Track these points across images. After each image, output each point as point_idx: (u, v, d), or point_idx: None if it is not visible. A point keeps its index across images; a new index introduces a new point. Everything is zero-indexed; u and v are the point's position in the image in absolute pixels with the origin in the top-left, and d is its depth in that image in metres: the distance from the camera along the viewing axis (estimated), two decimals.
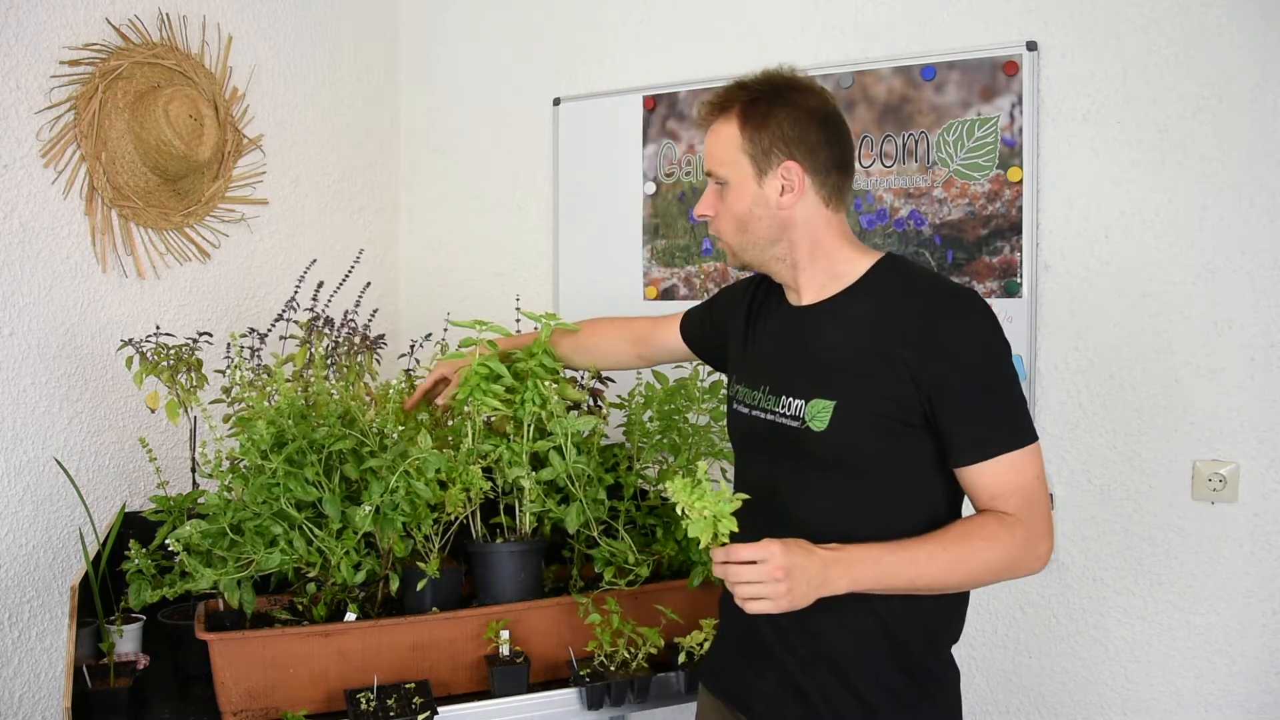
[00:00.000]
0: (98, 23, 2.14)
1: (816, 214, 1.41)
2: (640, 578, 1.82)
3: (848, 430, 1.34)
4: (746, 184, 1.41)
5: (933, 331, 1.31)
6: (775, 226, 1.42)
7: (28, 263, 2.03)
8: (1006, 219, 2.16)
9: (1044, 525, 1.31)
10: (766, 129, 1.39)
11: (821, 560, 1.27)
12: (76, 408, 2.10)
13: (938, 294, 1.35)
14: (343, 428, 1.68)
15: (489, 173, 2.86)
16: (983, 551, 1.29)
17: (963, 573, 1.30)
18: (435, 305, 2.88)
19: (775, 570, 1.23)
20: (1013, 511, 1.29)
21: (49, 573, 2.05)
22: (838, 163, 1.41)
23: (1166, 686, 2.06)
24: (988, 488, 1.31)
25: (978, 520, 1.31)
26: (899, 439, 1.33)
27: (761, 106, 1.39)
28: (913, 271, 1.41)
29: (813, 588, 1.26)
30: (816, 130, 1.39)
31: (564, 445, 1.78)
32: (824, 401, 1.36)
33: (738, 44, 2.48)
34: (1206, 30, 1.98)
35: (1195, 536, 2.03)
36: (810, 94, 1.42)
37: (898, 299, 1.36)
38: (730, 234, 1.46)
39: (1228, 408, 1.99)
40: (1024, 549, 1.30)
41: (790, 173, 1.39)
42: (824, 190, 1.41)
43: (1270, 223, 1.95)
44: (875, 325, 1.35)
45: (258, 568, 1.63)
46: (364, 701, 1.56)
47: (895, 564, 1.29)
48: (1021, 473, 1.30)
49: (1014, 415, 1.32)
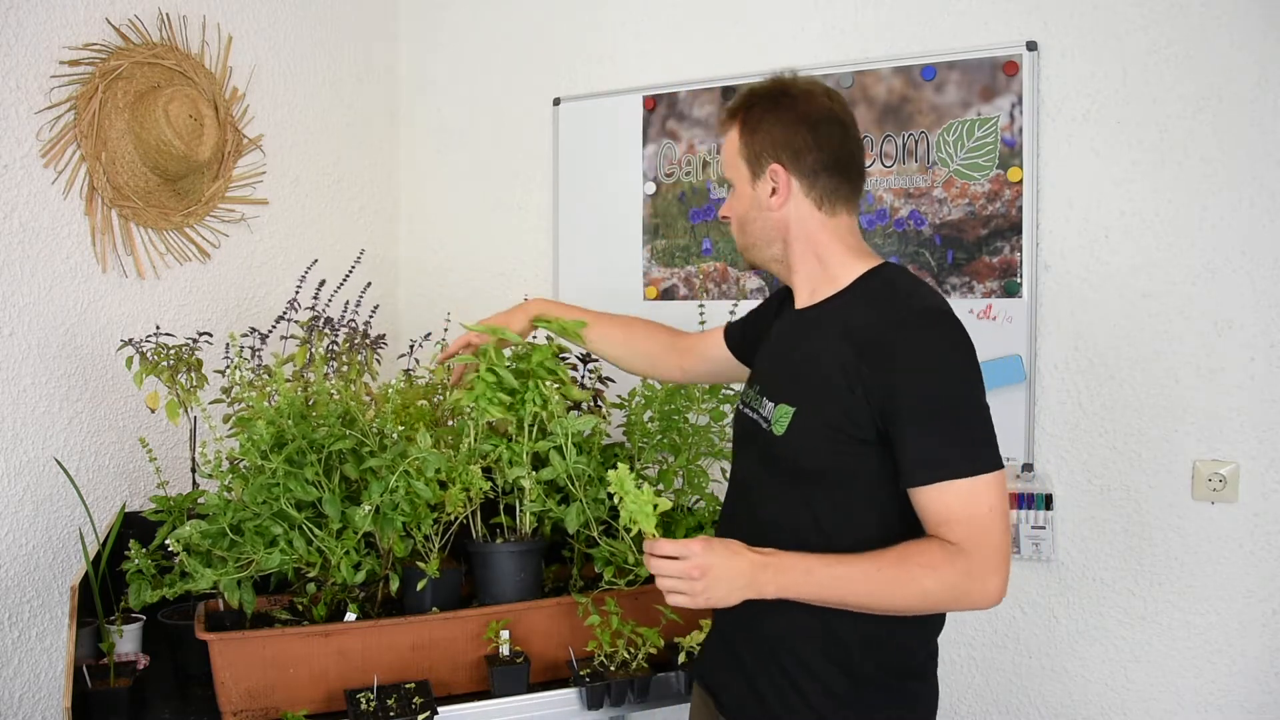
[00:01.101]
0: (98, 23, 2.14)
1: (809, 216, 1.43)
2: (640, 578, 1.82)
3: (801, 438, 1.36)
4: (744, 186, 1.47)
5: (890, 347, 1.29)
6: (770, 228, 1.45)
7: (28, 263, 2.03)
8: (1006, 219, 2.16)
9: (994, 559, 1.26)
10: (759, 133, 1.43)
11: (749, 563, 1.30)
12: (76, 408, 2.10)
13: (903, 309, 1.33)
14: (342, 428, 1.68)
15: (489, 173, 2.86)
16: (919, 578, 1.26)
17: (895, 596, 1.28)
18: (435, 305, 2.88)
19: (691, 569, 1.29)
20: (957, 541, 1.26)
21: (49, 573, 2.05)
22: (827, 165, 1.41)
23: (1166, 686, 2.06)
24: (935, 513, 1.27)
25: (920, 545, 1.28)
26: (850, 451, 1.32)
27: (757, 112, 1.44)
28: (893, 284, 1.39)
29: (735, 588, 1.30)
30: (805, 133, 1.41)
31: (564, 445, 1.78)
32: (787, 407, 1.38)
33: (738, 44, 2.48)
34: (1206, 30, 1.98)
35: (1195, 536, 2.03)
36: (805, 98, 1.43)
37: (867, 311, 1.35)
38: (735, 234, 1.52)
39: (1228, 408, 1.99)
40: (965, 581, 1.26)
41: (776, 175, 1.43)
42: (814, 193, 1.42)
43: (1270, 223, 1.95)
44: (845, 334, 1.35)
45: (258, 568, 1.63)
46: (364, 701, 1.56)
47: (827, 578, 1.29)
48: (972, 502, 1.25)
49: (969, 441, 1.28)
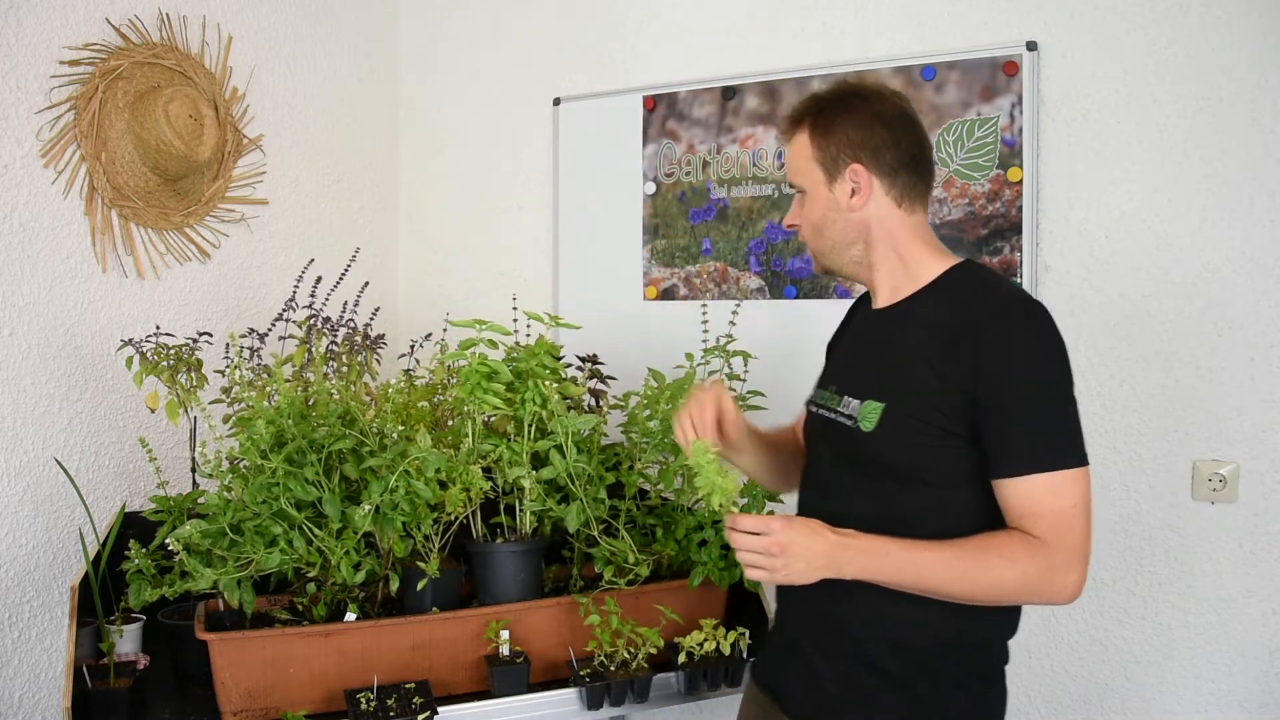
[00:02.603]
0: (98, 23, 2.14)
1: (889, 215, 1.43)
2: (640, 577, 1.82)
3: (892, 433, 1.35)
4: (819, 190, 1.45)
5: (982, 339, 1.30)
6: (849, 229, 1.44)
7: (28, 263, 2.03)
8: (1006, 219, 2.16)
9: (1074, 555, 1.27)
10: (834, 134, 1.43)
11: (829, 543, 1.31)
12: (76, 408, 2.10)
13: (994, 302, 1.34)
14: (342, 427, 1.68)
15: (489, 173, 2.86)
16: (997, 569, 1.28)
17: (972, 585, 1.29)
18: (435, 305, 2.88)
19: (771, 545, 1.29)
20: (1039, 535, 1.27)
21: (49, 573, 2.05)
22: (905, 162, 1.42)
23: (1166, 686, 2.06)
24: (1019, 505, 1.28)
25: (1002, 537, 1.29)
26: (942, 446, 1.32)
27: (828, 115, 1.44)
28: (981, 278, 1.41)
29: (814, 567, 1.30)
30: (881, 131, 1.41)
31: (564, 444, 1.78)
32: (875, 403, 1.37)
33: (738, 44, 2.48)
34: (1206, 30, 1.98)
35: (1195, 536, 2.03)
36: (876, 98, 1.44)
37: (957, 305, 1.36)
38: (810, 240, 1.50)
39: (1228, 408, 1.99)
40: (1044, 576, 1.27)
41: (857, 175, 1.42)
42: (894, 191, 1.43)
43: (1270, 223, 1.95)
44: (932, 330, 1.35)
45: (258, 568, 1.63)
46: (364, 701, 1.56)
47: (906, 561, 1.30)
48: (1057, 496, 1.27)
49: (1058, 435, 1.29)
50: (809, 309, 2.36)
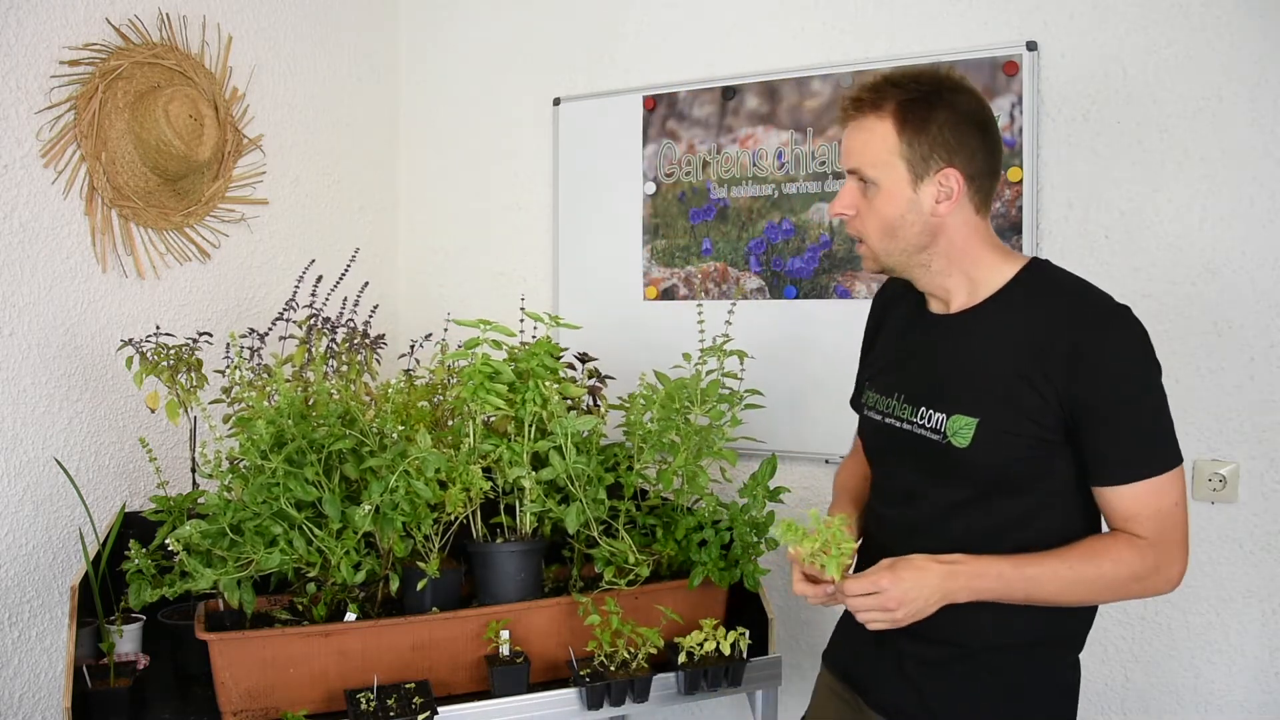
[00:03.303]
0: (98, 23, 2.14)
1: (967, 221, 1.38)
2: (640, 578, 1.82)
3: (991, 448, 1.33)
4: (900, 189, 1.35)
5: (1080, 349, 1.28)
6: (925, 233, 1.37)
7: (28, 263, 2.03)
8: (1006, 219, 2.16)
9: (1178, 550, 1.31)
10: (927, 133, 1.33)
11: (938, 575, 1.29)
12: (76, 408, 2.10)
13: (1088, 309, 1.32)
14: (342, 427, 1.68)
15: (489, 172, 2.86)
16: (1109, 573, 1.29)
17: (1084, 592, 1.31)
18: (435, 305, 2.88)
19: (888, 601, 1.28)
20: (1146, 535, 1.28)
21: (49, 573, 2.05)
22: (992, 169, 1.38)
23: (1166, 686, 2.06)
24: (1124, 509, 1.29)
25: (1108, 541, 1.30)
26: (1042, 457, 1.32)
27: (921, 109, 1.33)
28: (1060, 281, 1.38)
29: (931, 603, 1.30)
30: (977, 135, 1.35)
31: (564, 445, 1.78)
32: (966, 418, 1.34)
33: (738, 44, 2.48)
34: (1206, 30, 1.98)
35: (1195, 536, 2.02)
36: (969, 96, 1.37)
37: (1044, 312, 1.33)
38: (876, 238, 1.40)
39: (1228, 408, 1.99)
40: (1152, 573, 1.29)
41: (949, 179, 1.34)
42: (977, 196, 1.38)
43: (1270, 223, 1.95)
44: (1020, 339, 1.32)
45: (258, 568, 1.63)
46: (364, 701, 1.56)
47: (1018, 579, 1.30)
48: (1161, 497, 1.28)
49: (1159, 438, 1.30)
50: (809, 309, 2.36)
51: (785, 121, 2.40)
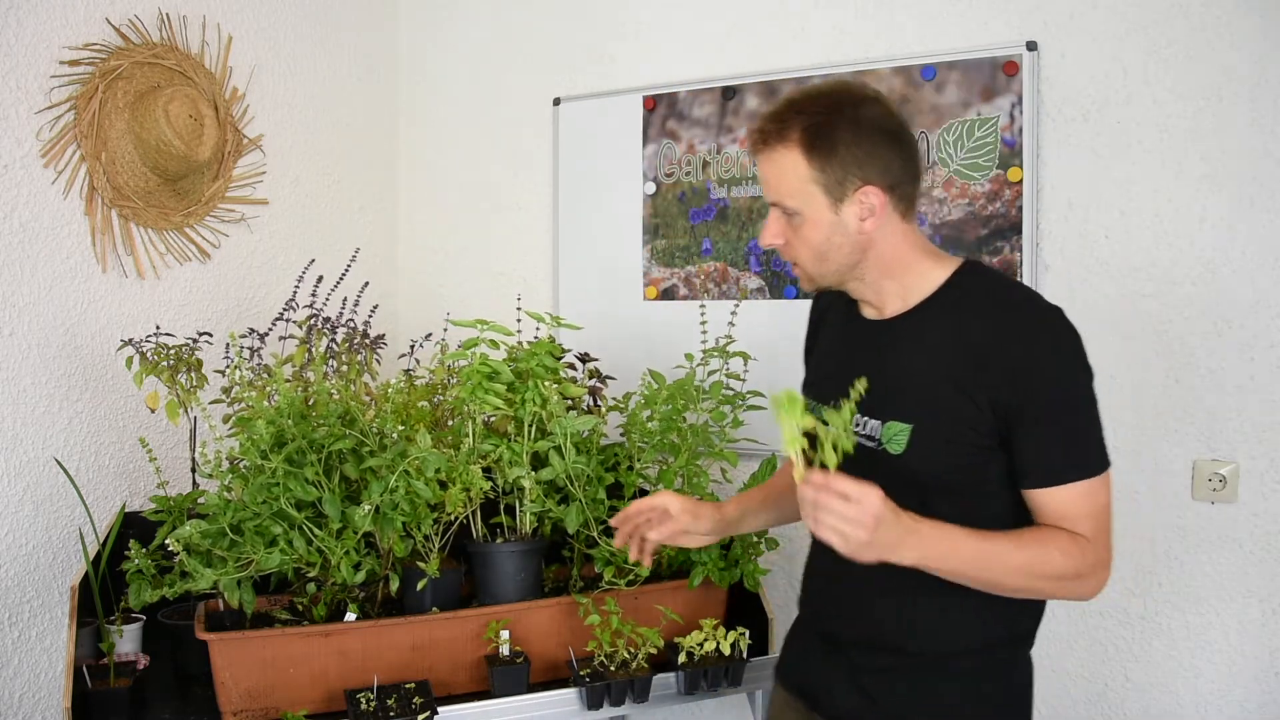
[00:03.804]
0: (98, 23, 2.14)
1: (895, 229, 1.36)
2: (640, 578, 1.82)
3: (926, 454, 1.32)
4: (822, 214, 1.33)
5: (1012, 352, 1.27)
6: (855, 251, 1.35)
7: (28, 263, 2.03)
8: (1006, 219, 2.16)
9: (1108, 553, 1.30)
10: (835, 155, 1.30)
11: (905, 527, 1.24)
12: (76, 408, 2.10)
13: (1019, 313, 1.31)
14: (342, 427, 1.68)
15: (489, 172, 2.86)
16: (1056, 561, 1.27)
17: (1029, 577, 1.28)
18: (435, 305, 2.88)
19: (866, 515, 1.18)
20: (1083, 533, 1.28)
21: (49, 573, 2.05)
22: (912, 174, 1.35)
23: (1166, 686, 2.06)
24: (1056, 510, 1.28)
25: (1053, 531, 1.28)
26: (978, 462, 1.31)
27: (825, 131, 1.30)
28: (995, 283, 1.37)
29: (885, 548, 1.23)
30: (887, 146, 1.32)
31: (564, 445, 1.78)
32: (901, 425, 1.33)
33: (738, 44, 2.48)
34: (1206, 30, 1.98)
35: (1195, 536, 2.03)
36: (870, 103, 1.34)
37: (977, 316, 1.32)
38: (809, 263, 1.38)
39: (1228, 408, 1.99)
40: (1090, 572, 1.28)
41: (869, 196, 1.32)
42: (901, 204, 1.36)
43: (1270, 223, 1.95)
44: (953, 344, 1.32)
45: (258, 568, 1.63)
46: (364, 701, 1.56)
47: (970, 553, 1.26)
48: (1093, 499, 1.28)
49: (1091, 441, 1.30)
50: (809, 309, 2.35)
51: None
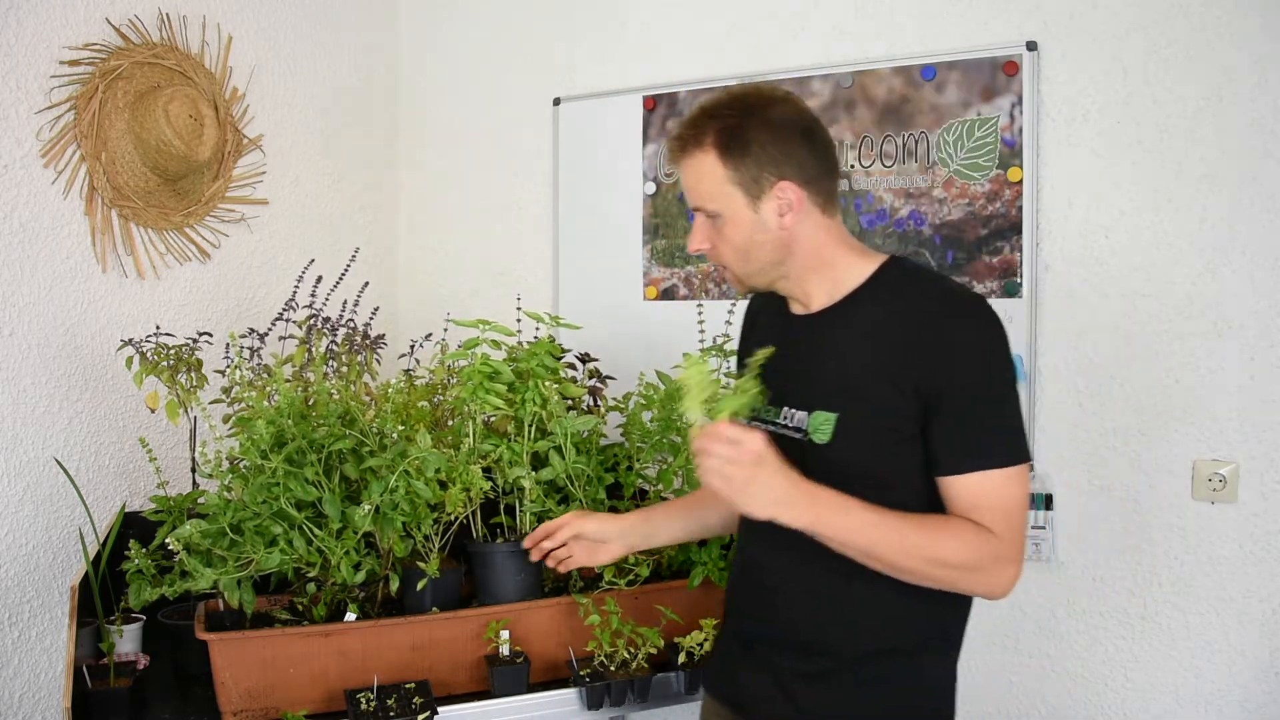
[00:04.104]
0: (98, 23, 2.14)
1: (817, 224, 1.38)
2: (640, 577, 1.82)
3: (851, 443, 1.33)
4: (742, 213, 1.37)
5: (934, 340, 1.29)
6: (779, 248, 1.38)
7: (28, 263, 2.03)
8: (1006, 219, 2.16)
9: (1017, 548, 1.28)
10: (749, 154, 1.34)
11: (795, 483, 1.27)
12: (76, 408, 2.10)
13: (942, 301, 1.33)
14: (342, 427, 1.68)
15: (489, 173, 2.86)
16: (950, 546, 1.27)
17: (922, 560, 1.28)
18: (435, 305, 2.88)
19: (745, 454, 1.23)
20: (989, 526, 1.27)
21: (49, 573, 2.05)
22: (827, 169, 1.38)
23: (1166, 686, 2.06)
24: (967, 499, 1.28)
25: (956, 519, 1.29)
26: (901, 448, 1.32)
27: (738, 133, 1.34)
28: (917, 276, 1.39)
29: (772, 499, 1.26)
30: (800, 142, 1.35)
31: (564, 445, 1.78)
32: (826, 414, 1.34)
33: (738, 44, 2.48)
34: (1206, 30, 1.98)
35: (1195, 536, 2.03)
36: (780, 103, 1.37)
37: (901, 306, 1.34)
38: (735, 264, 1.42)
39: (1228, 408, 1.99)
40: (991, 563, 1.27)
41: (785, 192, 1.35)
42: (819, 199, 1.38)
43: (1270, 223, 1.95)
44: (878, 334, 1.33)
45: (258, 568, 1.62)
46: (364, 701, 1.56)
47: (862, 522, 1.27)
48: (1006, 490, 1.28)
49: (1007, 431, 1.30)
50: None
51: None
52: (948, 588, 1.33)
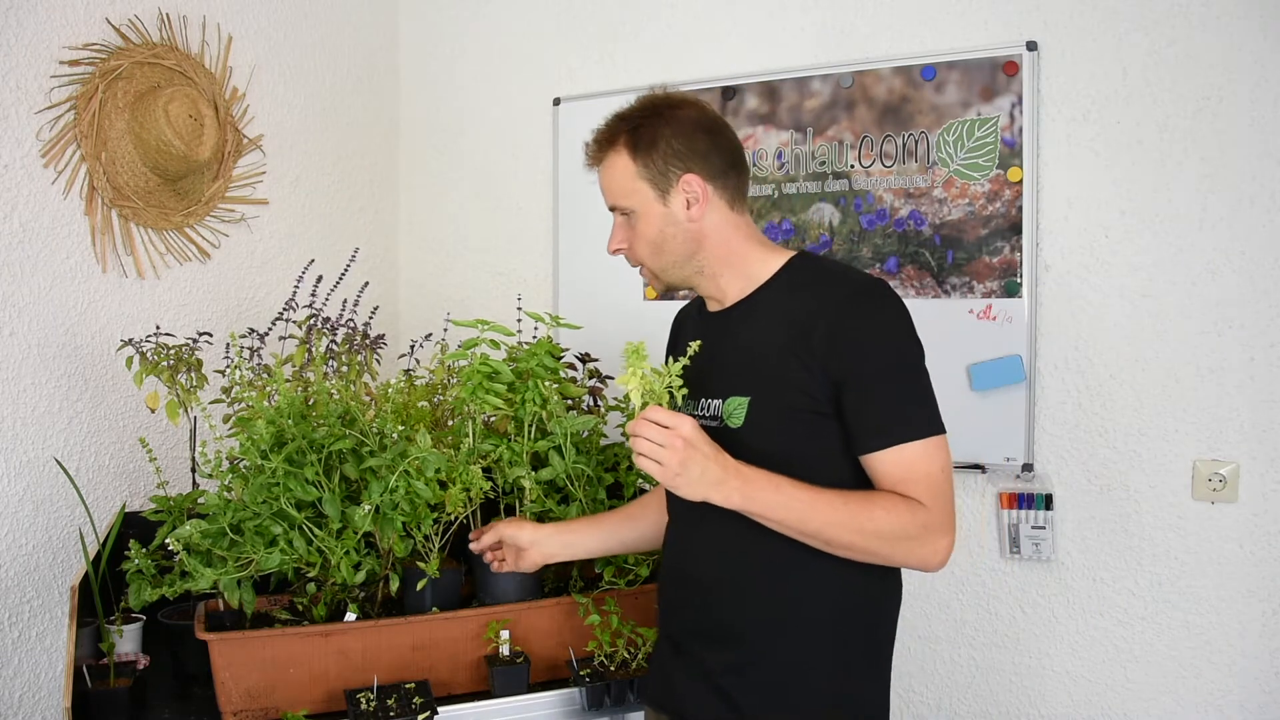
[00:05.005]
0: (98, 23, 2.14)
1: (724, 220, 1.45)
2: (640, 577, 1.82)
3: (764, 425, 1.37)
4: (651, 207, 1.44)
5: (840, 322, 1.33)
6: (689, 241, 1.44)
7: (28, 263, 2.03)
8: (1006, 219, 2.16)
9: (947, 518, 1.32)
10: (656, 149, 1.41)
11: (725, 464, 1.31)
12: (76, 408, 2.10)
13: (845, 286, 1.38)
14: (342, 427, 1.68)
15: (489, 173, 2.86)
16: (880, 519, 1.30)
17: (854, 533, 1.31)
18: (435, 305, 2.88)
19: (676, 438, 1.28)
20: (918, 498, 1.31)
21: (49, 573, 2.05)
22: (732, 164, 1.44)
23: (1166, 687, 2.06)
24: (892, 474, 1.32)
25: (886, 494, 1.33)
26: (813, 429, 1.35)
27: (645, 130, 1.42)
28: (823, 265, 1.45)
29: (706, 481, 1.30)
30: (705, 138, 1.42)
31: (564, 445, 1.78)
32: (739, 399, 1.39)
33: (737, 44, 2.48)
34: (1206, 30, 1.98)
35: (1195, 536, 2.03)
36: (687, 106, 1.45)
37: (808, 292, 1.39)
38: (649, 259, 1.48)
39: (1228, 408, 1.99)
40: (922, 533, 1.31)
41: (691, 185, 1.42)
42: (725, 194, 1.44)
43: (1270, 223, 1.95)
44: (786, 319, 1.38)
45: (258, 568, 1.62)
46: (364, 701, 1.56)
47: (792, 498, 1.31)
48: (928, 462, 1.31)
49: (919, 405, 1.34)
50: None
51: (785, 121, 2.40)
52: (883, 561, 1.36)
